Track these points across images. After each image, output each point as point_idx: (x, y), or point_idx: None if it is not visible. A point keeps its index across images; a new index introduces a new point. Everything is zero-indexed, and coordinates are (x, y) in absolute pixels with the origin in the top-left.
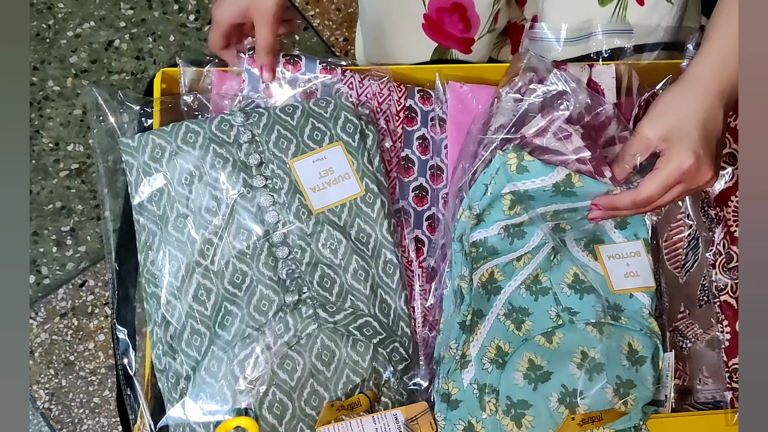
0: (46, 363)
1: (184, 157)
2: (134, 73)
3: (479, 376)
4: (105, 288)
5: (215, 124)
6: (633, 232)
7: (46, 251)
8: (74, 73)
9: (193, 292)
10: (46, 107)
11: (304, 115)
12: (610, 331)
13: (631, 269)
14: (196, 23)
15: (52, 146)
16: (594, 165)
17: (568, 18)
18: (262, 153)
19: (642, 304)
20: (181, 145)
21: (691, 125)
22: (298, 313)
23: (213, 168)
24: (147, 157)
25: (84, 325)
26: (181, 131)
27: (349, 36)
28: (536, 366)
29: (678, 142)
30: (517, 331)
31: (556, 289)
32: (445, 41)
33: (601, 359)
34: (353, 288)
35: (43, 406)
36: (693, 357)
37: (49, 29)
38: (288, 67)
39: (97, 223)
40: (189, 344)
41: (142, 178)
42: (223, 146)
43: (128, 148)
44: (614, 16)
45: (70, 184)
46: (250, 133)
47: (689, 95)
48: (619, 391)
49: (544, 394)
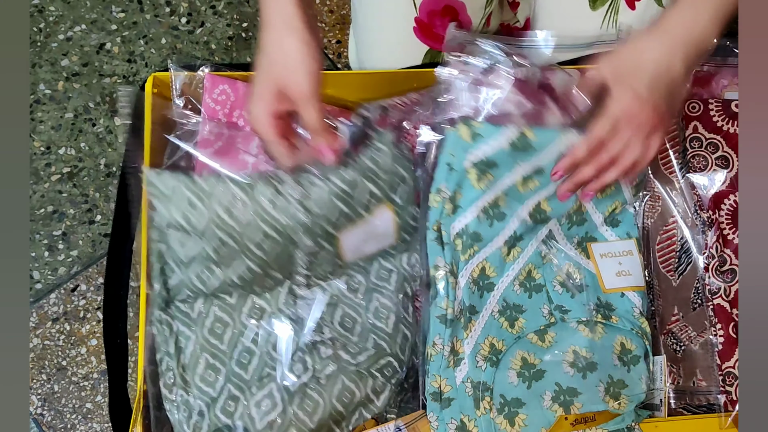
0: (39, 368)
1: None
2: (126, 76)
3: (473, 374)
4: (97, 292)
5: (260, 189)
6: (625, 230)
7: (38, 256)
8: (65, 77)
9: (209, 324)
10: (38, 111)
11: (359, 184)
12: (602, 330)
13: (623, 268)
14: (188, 26)
15: (43, 150)
16: (541, 113)
17: (560, 21)
18: None
19: (632, 304)
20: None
21: (642, 67)
22: (317, 353)
23: None
24: (180, 218)
25: (76, 329)
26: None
27: (342, 38)
28: (529, 364)
29: (624, 80)
30: (510, 328)
31: (548, 287)
32: (437, 44)
33: (593, 358)
34: (375, 327)
35: (36, 411)
36: (687, 360)
37: (40, 32)
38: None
39: (89, 227)
40: (203, 379)
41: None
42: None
43: (156, 191)
44: (606, 20)
45: (61, 188)
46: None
47: (651, 39)
48: (610, 391)
49: (537, 392)
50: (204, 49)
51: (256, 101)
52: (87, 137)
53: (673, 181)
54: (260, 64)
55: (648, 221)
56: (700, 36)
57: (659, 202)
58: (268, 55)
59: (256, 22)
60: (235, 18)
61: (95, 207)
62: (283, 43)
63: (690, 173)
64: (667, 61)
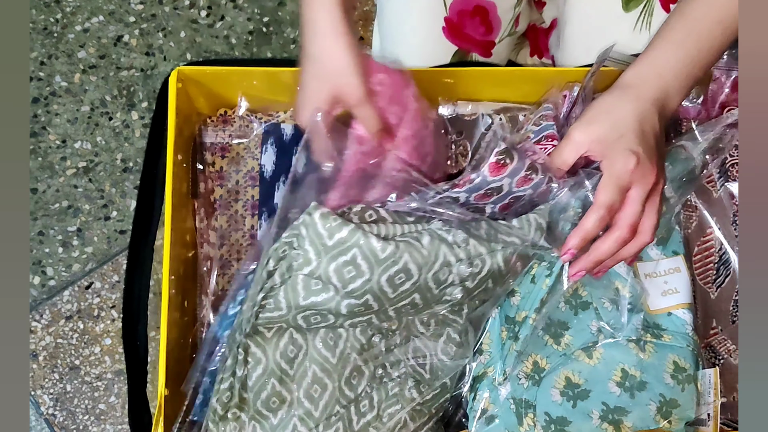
0: (51, 367)
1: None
2: (143, 69)
3: (515, 391)
4: (112, 290)
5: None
6: (672, 249)
7: (52, 252)
8: (82, 69)
9: (282, 346)
10: (53, 103)
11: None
12: (652, 349)
13: (669, 287)
14: (207, 19)
15: (58, 143)
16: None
17: (590, 22)
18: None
19: (683, 321)
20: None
21: (627, 127)
22: (383, 389)
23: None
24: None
25: (90, 328)
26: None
27: (365, 35)
28: (573, 384)
29: (615, 143)
30: (556, 345)
31: (597, 304)
32: (466, 45)
33: (643, 377)
34: (443, 363)
35: (47, 411)
36: (726, 374)
37: (57, 23)
38: (496, 172)
39: (104, 224)
40: (265, 404)
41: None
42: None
43: (314, 235)
44: (639, 22)
45: (77, 183)
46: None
47: (623, 100)
48: (662, 410)
49: (584, 411)
50: (224, 43)
51: (308, 107)
52: (103, 131)
53: (710, 191)
54: (309, 70)
55: (685, 232)
56: (668, 91)
57: (696, 213)
58: (318, 62)
59: (277, 17)
60: (255, 12)
61: (111, 203)
62: (334, 49)
63: (729, 182)
64: (649, 118)
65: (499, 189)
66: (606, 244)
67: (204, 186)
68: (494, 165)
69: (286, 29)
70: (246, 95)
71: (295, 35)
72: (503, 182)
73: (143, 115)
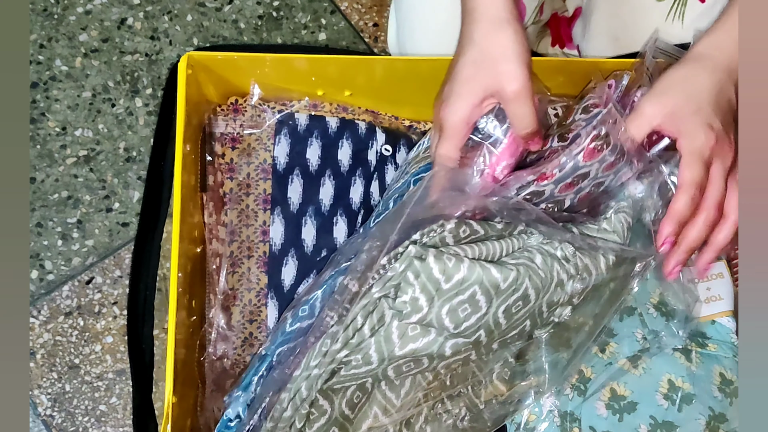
0: (49, 366)
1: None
2: (148, 54)
3: (560, 403)
4: (113, 286)
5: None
6: None
7: (51, 244)
8: (83, 53)
9: (350, 394)
10: (53, 88)
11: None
12: (699, 359)
13: (712, 293)
14: (215, 3)
15: (58, 131)
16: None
17: (618, 12)
18: None
19: (728, 330)
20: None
21: (704, 99)
22: (438, 423)
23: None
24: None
25: (90, 325)
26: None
27: (380, 21)
28: (619, 396)
29: (691, 117)
30: (601, 353)
31: (641, 310)
32: None
33: (690, 390)
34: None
35: (45, 412)
36: None
37: (57, 4)
38: (589, 157)
39: (106, 216)
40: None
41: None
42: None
43: (427, 279)
44: (672, 12)
45: (77, 173)
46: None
47: (698, 70)
48: (711, 424)
49: (631, 425)
50: (232, 28)
51: (456, 97)
52: (105, 118)
53: None
54: (466, 55)
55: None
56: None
57: None
58: (478, 47)
59: (287, 2)
60: None
61: (113, 194)
62: (498, 34)
63: None
64: (725, 90)
65: (586, 175)
66: (695, 229)
67: (213, 179)
68: (590, 150)
69: (297, 14)
70: (258, 83)
71: (307, 20)
72: (592, 168)
73: (147, 102)
